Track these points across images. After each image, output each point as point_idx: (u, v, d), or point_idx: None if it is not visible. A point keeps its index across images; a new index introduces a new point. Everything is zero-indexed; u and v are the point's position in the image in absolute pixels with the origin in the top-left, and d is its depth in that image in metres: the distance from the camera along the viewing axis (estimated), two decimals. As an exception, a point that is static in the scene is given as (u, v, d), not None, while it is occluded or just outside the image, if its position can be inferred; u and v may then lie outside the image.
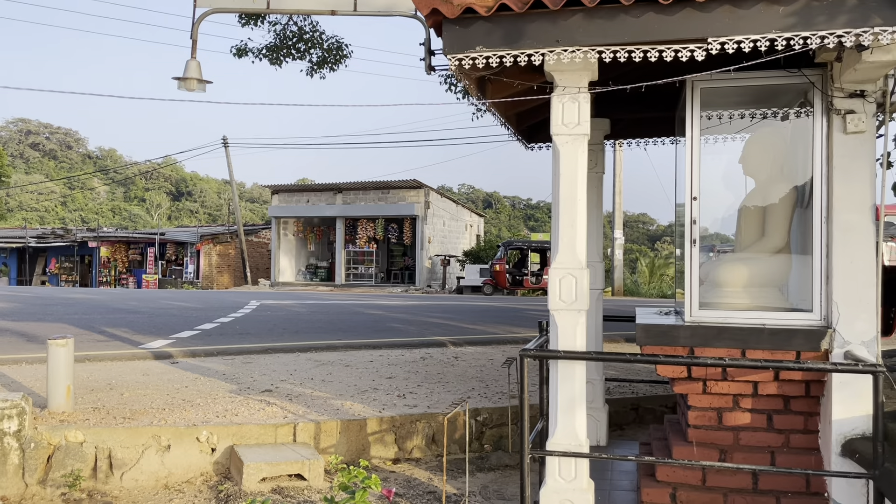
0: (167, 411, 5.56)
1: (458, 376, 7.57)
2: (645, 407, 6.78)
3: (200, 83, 4.74)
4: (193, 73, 4.74)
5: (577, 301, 3.81)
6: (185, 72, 4.75)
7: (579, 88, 3.80)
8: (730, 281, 4.46)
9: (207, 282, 33.68)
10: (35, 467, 4.69)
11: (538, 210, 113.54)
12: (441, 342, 10.11)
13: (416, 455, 5.71)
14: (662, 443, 4.83)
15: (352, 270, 32.62)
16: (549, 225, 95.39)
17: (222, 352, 8.73)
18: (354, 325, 12.23)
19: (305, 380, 7.13)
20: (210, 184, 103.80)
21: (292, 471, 4.88)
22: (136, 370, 7.48)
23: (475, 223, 39.51)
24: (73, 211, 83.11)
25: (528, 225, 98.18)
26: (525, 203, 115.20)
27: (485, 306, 18.06)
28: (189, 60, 4.78)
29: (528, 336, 10.94)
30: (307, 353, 8.97)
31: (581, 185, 3.86)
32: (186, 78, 4.72)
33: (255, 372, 7.49)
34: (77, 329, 10.58)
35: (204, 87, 4.76)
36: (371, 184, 31.72)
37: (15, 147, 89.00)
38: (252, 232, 37.62)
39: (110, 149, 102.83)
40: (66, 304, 15.72)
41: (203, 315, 13.25)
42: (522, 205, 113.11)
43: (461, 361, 8.60)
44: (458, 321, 13.37)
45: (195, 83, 4.73)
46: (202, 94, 4.89)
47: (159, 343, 9.28)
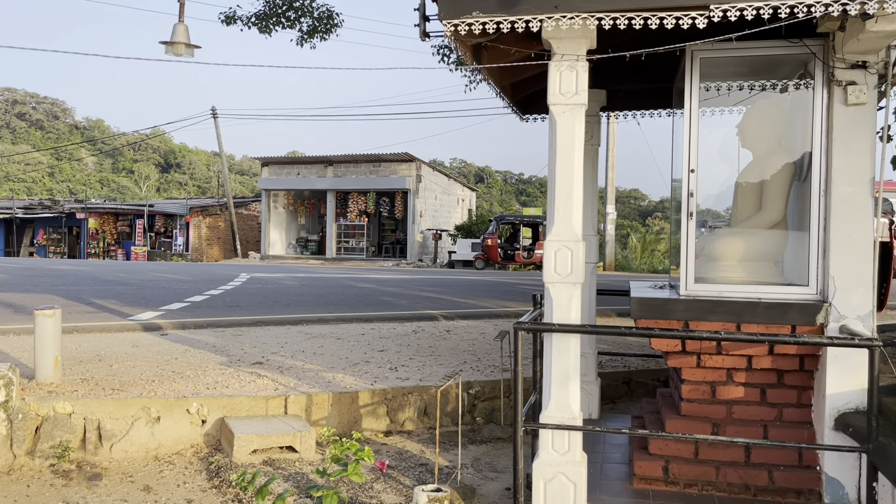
0: (157, 383, 5.51)
1: (450, 350, 7.55)
2: (637, 381, 6.79)
3: (188, 48, 4.60)
4: (181, 37, 4.60)
5: (572, 274, 3.77)
6: (173, 35, 4.61)
7: (578, 56, 3.71)
8: (725, 255, 4.43)
9: (197, 254, 33.50)
10: (23, 438, 4.64)
11: (530, 185, 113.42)
12: (433, 316, 10.08)
13: (408, 427, 5.70)
14: (655, 416, 4.83)
15: (343, 244, 32.50)
16: (541, 200, 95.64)
17: (212, 324, 8.66)
18: (345, 299, 12.18)
19: (296, 352, 7.09)
20: (199, 156, 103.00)
21: (283, 443, 4.85)
22: (126, 342, 7.42)
23: (467, 197, 39.39)
24: (60, 182, 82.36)
25: (519, 200, 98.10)
26: (517, 178, 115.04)
27: (476, 281, 18.05)
28: (177, 24, 4.64)
29: (520, 310, 10.93)
30: (298, 325, 8.92)
31: (578, 157, 3.79)
32: (174, 42, 4.58)
33: (245, 344, 7.45)
34: (65, 300, 10.48)
35: (192, 52, 4.62)
36: (362, 157, 31.48)
37: (1, 117, 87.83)
38: (242, 204, 37.37)
39: (98, 119, 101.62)
40: (53, 275, 15.58)
41: (192, 287, 13.17)
42: (514, 179, 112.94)
43: (453, 335, 8.58)
44: (449, 295, 13.35)
45: (183, 48, 4.59)
46: (191, 57, 4.77)
47: (148, 315, 9.20)
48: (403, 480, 4.60)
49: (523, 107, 6.27)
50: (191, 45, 4.62)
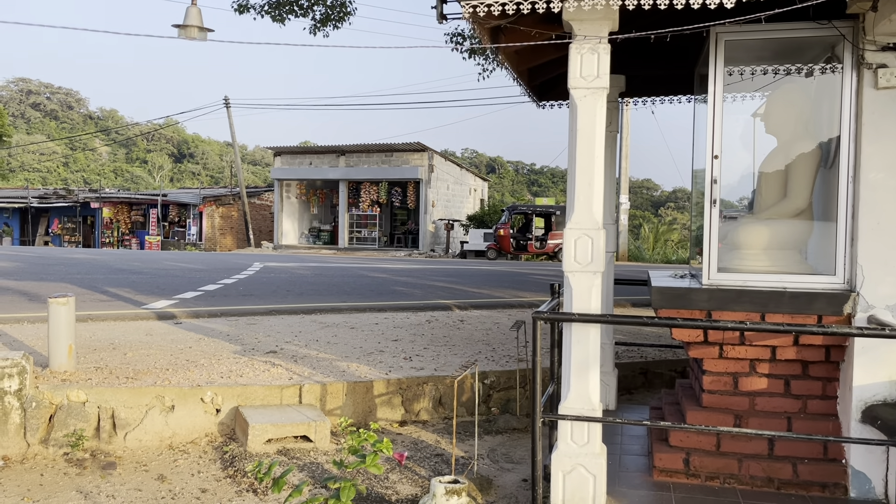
0: (171, 371, 5.48)
1: (464, 339, 7.49)
2: (654, 371, 6.70)
3: (201, 31, 4.52)
4: (194, 21, 4.52)
5: (592, 263, 3.69)
6: (186, 19, 4.54)
7: (600, 38, 3.61)
8: (749, 243, 4.33)
9: (210, 244, 33.60)
10: (37, 427, 4.62)
11: (542, 175, 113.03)
12: (446, 305, 10.02)
13: (423, 418, 5.64)
14: (675, 407, 4.75)
15: (355, 234, 32.49)
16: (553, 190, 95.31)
17: (226, 313, 8.64)
18: (359, 288, 12.14)
19: (310, 341, 7.04)
20: (212, 146, 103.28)
21: (298, 432, 4.80)
22: (140, 330, 7.40)
23: (479, 187, 39.25)
24: (75, 172, 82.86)
25: (531, 190, 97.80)
26: (529, 168, 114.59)
27: (489, 271, 17.97)
28: (189, 7, 4.56)
29: (534, 300, 10.85)
30: (312, 315, 8.88)
31: (599, 142, 3.70)
32: (187, 25, 4.50)
33: (259, 333, 7.41)
34: (79, 288, 10.50)
35: (205, 36, 4.54)
36: (374, 146, 31.39)
37: (16, 107, 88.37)
38: (255, 194, 37.42)
39: (111, 109, 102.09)
40: (68, 263, 15.64)
41: (206, 276, 13.17)
42: (526, 170, 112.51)
43: (467, 325, 8.51)
44: (462, 285, 13.28)
45: (196, 31, 4.52)
46: (203, 41, 4.69)
47: (162, 303, 9.20)
48: (419, 471, 4.55)
49: (540, 93, 6.17)
50: (204, 28, 4.54)
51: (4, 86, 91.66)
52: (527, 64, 5.23)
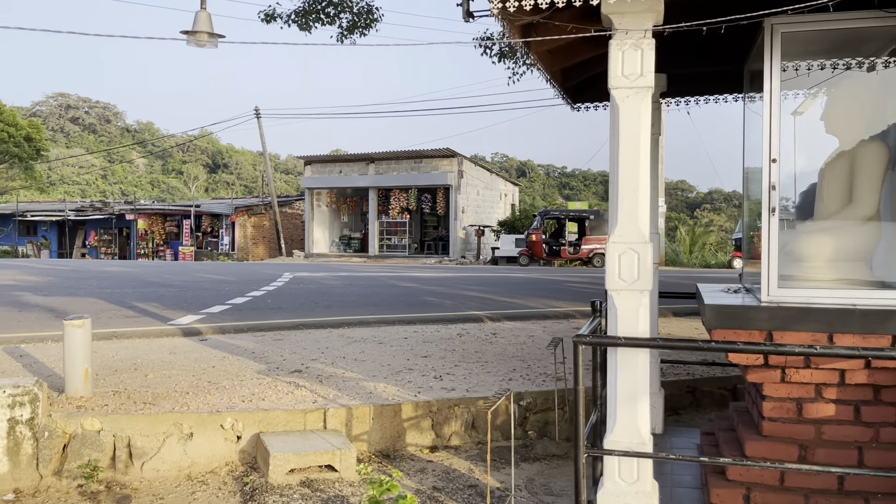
0: (191, 395, 5.23)
1: (497, 355, 7.15)
2: (702, 390, 6.29)
3: (211, 37, 4.28)
4: (203, 26, 4.28)
5: (639, 280, 3.33)
6: (195, 24, 4.29)
7: (643, 33, 3.27)
8: (812, 254, 3.92)
9: (243, 253, 33.72)
10: (50, 457, 4.40)
11: (573, 178, 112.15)
12: (478, 317, 9.68)
13: (455, 442, 5.32)
14: (730, 434, 4.35)
15: (385, 241, 32.32)
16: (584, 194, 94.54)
17: (252, 328, 8.42)
18: (388, 299, 11.87)
19: (337, 359, 6.77)
20: (245, 156, 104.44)
21: (322, 461, 4.51)
22: (164, 348, 7.20)
23: (510, 192, 38.83)
24: (112, 184, 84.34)
25: (562, 193, 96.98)
26: (560, 171, 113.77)
27: (522, 278, 17.60)
28: (199, 12, 4.31)
29: (570, 310, 10.47)
30: (339, 329, 8.62)
31: (644, 146, 3.35)
32: (196, 31, 4.26)
33: (285, 350, 7.16)
34: (107, 304, 10.39)
35: (216, 42, 4.30)
36: (404, 153, 31.22)
37: (55, 121, 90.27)
38: (286, 203, 37.51)
39: (148, 122, 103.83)
40: (99, 277, 15.65)
41: (235, 288, 13.02)
42: (557, 173, 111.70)
43: (500, 338, 8.17)
44: (494, 294, 12.94)
45: (206, 37, 4.28)
46: (214, 48, 4.39)
47: (189, 319, 9.01)
48: (451, 505, 4.23)
49: (574, 94, 5.82)
50: (214, 34, 4.30)
51: (44, 101, 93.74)
52: (560, 64, 4.90)
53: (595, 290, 14.42)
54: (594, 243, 24.82)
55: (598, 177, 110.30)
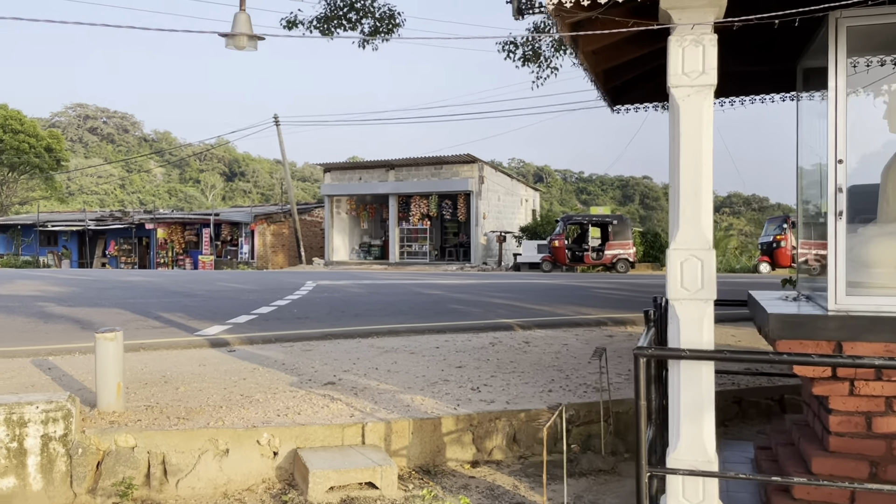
0: (224, 409, 5.10)
1: (532, 365, 6.97)
2: (748, 400, 6.07)
3: (251, 40, 4.15)
4: (243, 28, 4.14)
5: (703, 289, 3.16)
6: (234, 26, 4.16)
7: (706, 28, 3.09)
8: (879, 259, 3.72)
9: (262, 262, 33.75)
10: (83, 475, 4.28)
11: (591, 183, 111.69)
12: (508, 325, 9.50)
13: (497, 457, 5.14)
14: (790, 449, 4.14)
15: (405, 248, 32.20)
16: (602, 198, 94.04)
17: (280, 338, 8.30)
18: (415, 307, 11.72)
19: (370, 370, 6.62)
20: (262, 164, 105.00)
21: (363, 478, 4.36)
22: (193, 360, 7.09)
23: (530, 197, 38.62)
24: (131, 193, 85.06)
25: (580, 198, 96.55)
26: (577, 176, 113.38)
27: (547, 285, 17.39)
28: (238, 13, 4.18)
29: (601, 317, 10.26)
30: (368, 338, 8.48)
31: (706, 147, 3.18)
32: (235, 34, 4.13)
33: (315, 361, 7.03)
34: (132, 315, 10.33)
35: (255, 45, 4.16)
36: (423, 159, 31.11)
37: (74, 132, 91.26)
38: (305, 211, 37.53)
39: (165, 131, 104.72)
40: (122, 287, 15.65)
41: (259, 298, 12.93)
42: (574, 178, 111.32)
43: (533, 347, 7.99)
44: (522, 301, 12.75)
45: (245, 40, 4.14)
46: (253, 50, 4.25)
47: (216, 329, 8.91)
48: (499, 524, 4.05)
49: (614, 96, 5.65)
50: (254, 36, 4.17)
51: (63, 112, 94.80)
52: (604, 65, 4.73)
53: (623, 296, 14.20)
54: (618, 248, 24.55)
55: (616, 181, 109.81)
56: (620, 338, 8.81)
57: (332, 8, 13.10)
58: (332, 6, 13.05)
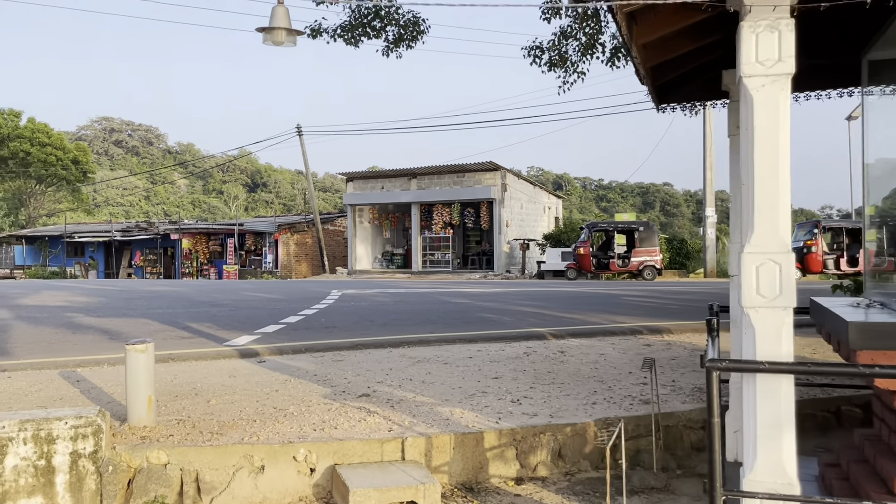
0: (258, 423, 4.91)
1: (571, 375, 6.71)
2: (804, 412, 5.75)
3: (290, 35, 3.95)
4: (281, 22, 3.94)
5: (781, 296, 2.91)
6: (272, 20, 3.97)
7: (783, 12, 2.86)
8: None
9: (286, 271, 33.74)
10: (114, 493, 4.10)
11: (610, 190, 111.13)
12: (541, 334, 9.25)
13: (542, 473, 4.89)
14: (864, 467, 3.85)
15: (428, 257, 32.00)
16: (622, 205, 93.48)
17: (310, 348, 8.11)
18: (443, 316, 11.50)
19: (404, 381, 6.41)
20: (284, 174, 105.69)
21: (405, 497, 4.13)
22: (223, 371, 6.93)
23: (553, 205, 38.30)
24: (155, 205, 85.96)
25: (599, 206, 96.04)
26: (596, 184, 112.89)
27: (575, 292, 17.09)
28: (276, 7, 3.98)
29: (635, 326, 9.97)
30: (399, 348, 8.27)
31: (783, 142, 2.93)
32: (273, 28, 3.94)
33: (347, 372, 6.83)
34: (160, 325, 10.21)
35: (294, 40, 3.97)
36: (446, 168, 30.96)
37: (100, 145, 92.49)
38: (328, 220, 37.54)
39: (189, 143, 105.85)
40: (149, 297, 15.60)
41: (286, 307, 12.79)
42: (594, 185, 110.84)
43: (569, 357, 7.73)
44: (551, 309, 12.48)
45: (283, 35, 3.94)
46: (292, 45, 4.05)
47: (244, 339, 8.75)
48: (552, 547, 3.81)
49: (660, 95, 5.41)
50: (293, 30, 3.97)
51: (89, 125, 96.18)
52: (655, 60, 4.49)
53: (654, 304, 13.89)
54: (644, 255, 24.16)
55: (636, 188, 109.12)
56: (658, 347, 8.52)
57: (356, 16, 13.00)
58: (356, 14, 12.94)
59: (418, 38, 13.47)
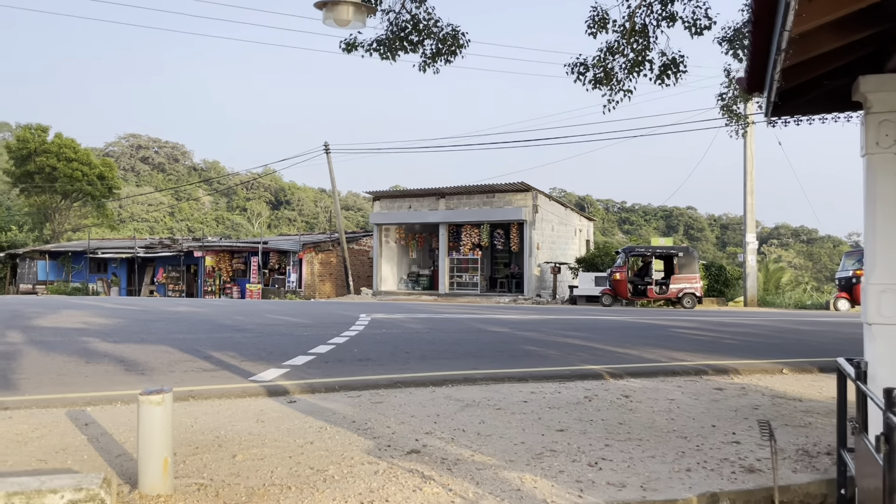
0: (294, 490, 4.10)
1: (646, 428, 5.84)
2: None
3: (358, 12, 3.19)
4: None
5: None
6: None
7: None
8: None
9: (310, 291, 33.07)
10: (119, 588, 3.30)
11: (633, 213, 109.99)
12: (596, 373, 8.37)
13: (637, 562, 4.02)
14: None
15: (455, 279, 31.14)
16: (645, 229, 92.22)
17: (344, 386, 7.31)
18: (483, 348, 10.66)
19: (456, 432, 5.57)
20: (307, 192, 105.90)
21: None
22: (249, 413, 6.14)
23: (584, 227, 37.35)
24: (179, 221, 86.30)
25: (622, 228, 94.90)
26: (619, 206, 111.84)
27: (618, 322, 16.15)
28: (339, -21, 3.26)
29: (698, 366, 9.06)
30: (443, 387, 7.45)
31: None
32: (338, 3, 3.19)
33: (389, 418, 6.01)
34: (180, 353, 9.47)
35: (363, 19, 3.24)
36: (475, 188, 30.19)
37: (126, 161, 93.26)
38: (353, 239, 36.90)
39: (214, 160, 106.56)
40: (170, 319, 14.92)
41: (314, 334, 12.02)
42: (616, 208, 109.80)
43: (636, 403, 6.85)
44: (598, 342, 11.58)
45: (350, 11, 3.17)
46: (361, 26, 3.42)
47: (272, 373, 7.97)
48: None
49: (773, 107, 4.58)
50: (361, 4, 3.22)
51: (116, 142, 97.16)
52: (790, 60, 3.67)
53: (708, 337, 12.93)
54: (683, 282, 23.12)
55: (659, 212, 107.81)
56: (732, 391, 7.61)
57: (393, 29, 12.34)
58: (394, 27, 12.29)
59: (457, 52, 12.79)
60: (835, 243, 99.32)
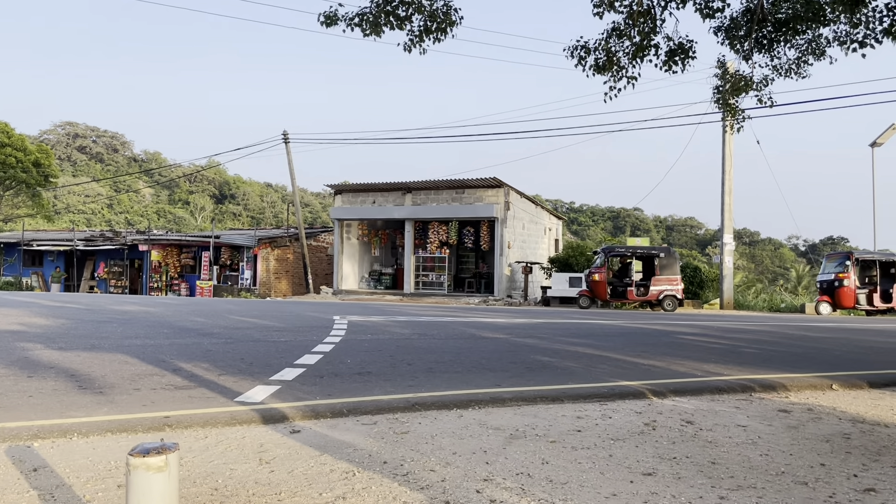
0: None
1: (748, 469, 4.74)
2: None
3: None
4: None
5: None
6: None
7: None
8: None
9: (265, 289, 31.31)
10: None
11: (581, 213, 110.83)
12: (636, 390, 7.30)
13: None
14: None
15: (421, 278, 29.85)
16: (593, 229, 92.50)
17: (354, 409, 6.03)
18: (491, 358, 9.47)
19: (521, 477, 4.37)
20: (253, 186, 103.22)
21: None
22: (247, 450, 4.82)
23: (554, 226, 36.48)
24: (118, 213, 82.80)
25: (570, 229, 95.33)
26: (567, 206, 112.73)
27: (617, 327, 15.18)
28: None
29: (743, 381, 8.09)
30: (469, 409, 6.25)
31: None
32: None
33: (427, 456, 4.77)
34: (143, 365, 8.01)
35: None
36: (444, 183, 28.94)
37: (63, 150, 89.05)
38: (311, 235, 35.22)
39: (155, 152, 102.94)
40: (121, 320, 13.27)
41: (292, 339, 10.64)
42: (565, 208, 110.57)
43: (709, 433, 5.77)
44: (609, 350, 10.53)
45: None
46: None
47: (260, 392, 6.62)
48: None
49: None
50: None
51: (52, 129, 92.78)
52: None
53: (721, 345, 12.01)
54: (664, 284, 22.37)
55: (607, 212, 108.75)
56: (801, 415, 6.60)
57: (378, 2, 11.05)
58: (379, 0, 11.00)
59: (448, 30, 11.57)
60: (776, 246, 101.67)
